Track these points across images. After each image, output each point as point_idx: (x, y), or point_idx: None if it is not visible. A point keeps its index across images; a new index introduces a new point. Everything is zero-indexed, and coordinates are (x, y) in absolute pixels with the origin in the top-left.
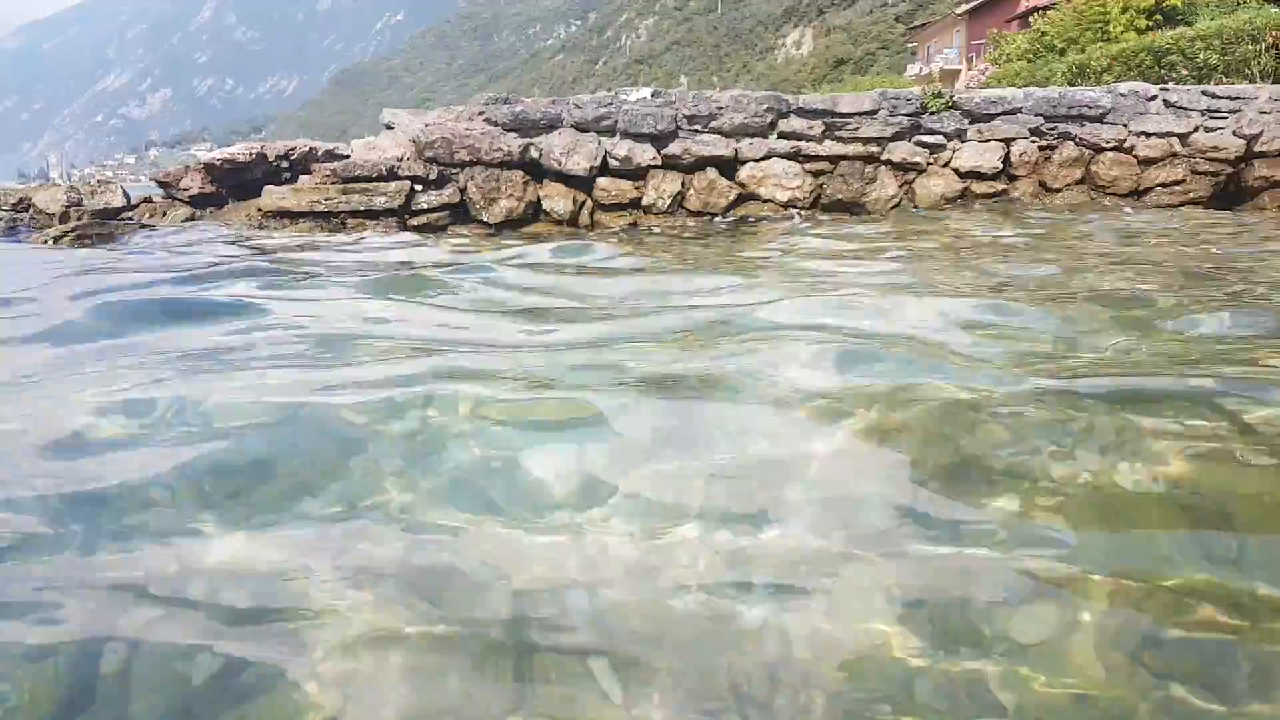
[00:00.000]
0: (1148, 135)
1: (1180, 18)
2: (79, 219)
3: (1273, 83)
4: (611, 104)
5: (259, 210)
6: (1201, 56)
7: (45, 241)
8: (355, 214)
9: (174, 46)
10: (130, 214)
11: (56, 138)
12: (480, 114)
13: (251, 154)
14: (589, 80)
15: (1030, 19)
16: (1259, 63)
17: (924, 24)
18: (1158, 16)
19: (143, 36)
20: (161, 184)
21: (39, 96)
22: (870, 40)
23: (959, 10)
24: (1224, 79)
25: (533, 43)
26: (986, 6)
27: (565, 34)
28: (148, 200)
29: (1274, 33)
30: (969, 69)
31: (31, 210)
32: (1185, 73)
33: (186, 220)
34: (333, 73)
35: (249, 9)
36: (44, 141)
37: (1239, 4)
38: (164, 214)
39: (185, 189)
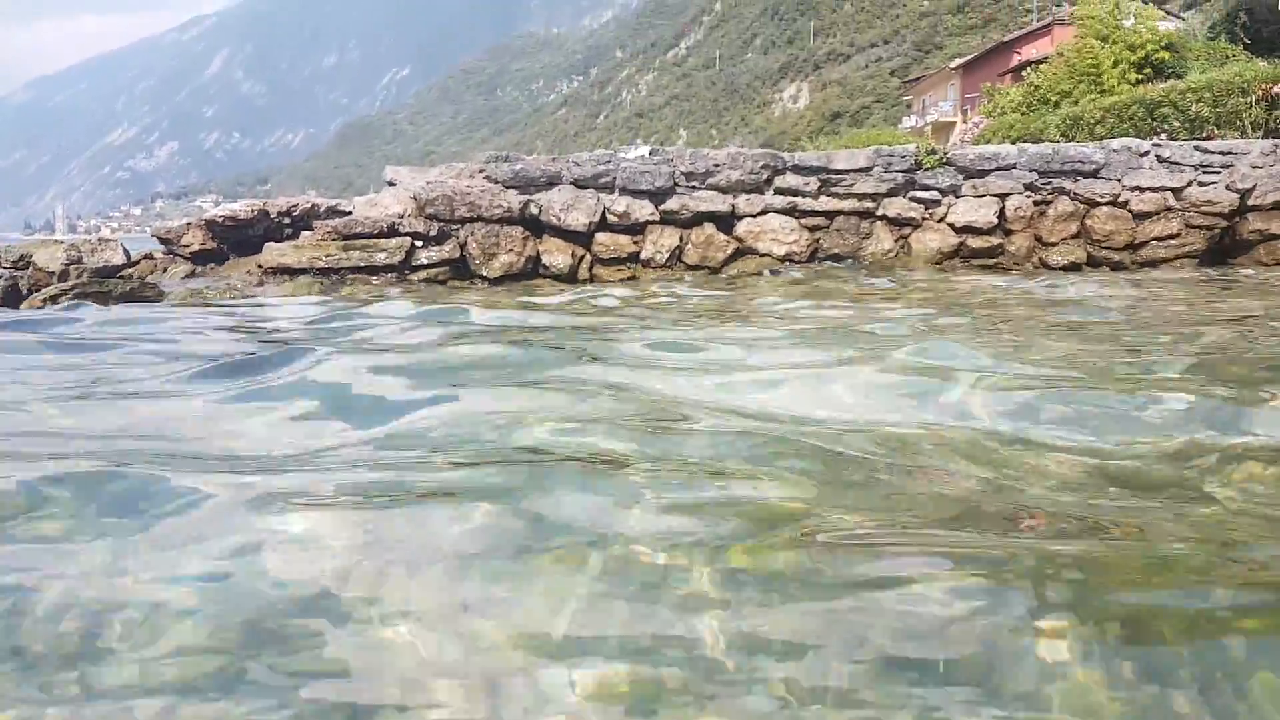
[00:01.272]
0: (1141, 190)
1: (1170, 71)
2: (78, 277)
3: (1264, 134)
4: (610, 161)
5: (259, 266)
6: (1193, 109)
7: (40, 305)
8: (356, 270)
9: (182, 100)
10: (131, 270)
11: (63, 189)
12: (481, 171)
13: (253, 211)
14: (590, 134)
15: (1023, 73)
16: (1250, 114)
17: (919, 78)
18: (1148, 70)
19: (151, 91)
20: (163, 240)
21: (47, 149)
22: (865, 94)
23: (953, 65)
24: (1216, 130)
25: (536, 97)
26: (980, 60)
27: (567, 89)
28: (148, 257)
29: (1263, 86)
30: (964, 121)
31: (31, 268)
32: (1178, 124)
33: (187, 276)
34: (338, 126)
35: (256, 64)
36: (51, 193)
37: (1228, 57)
38: (164, 270)
39: (186, 245)
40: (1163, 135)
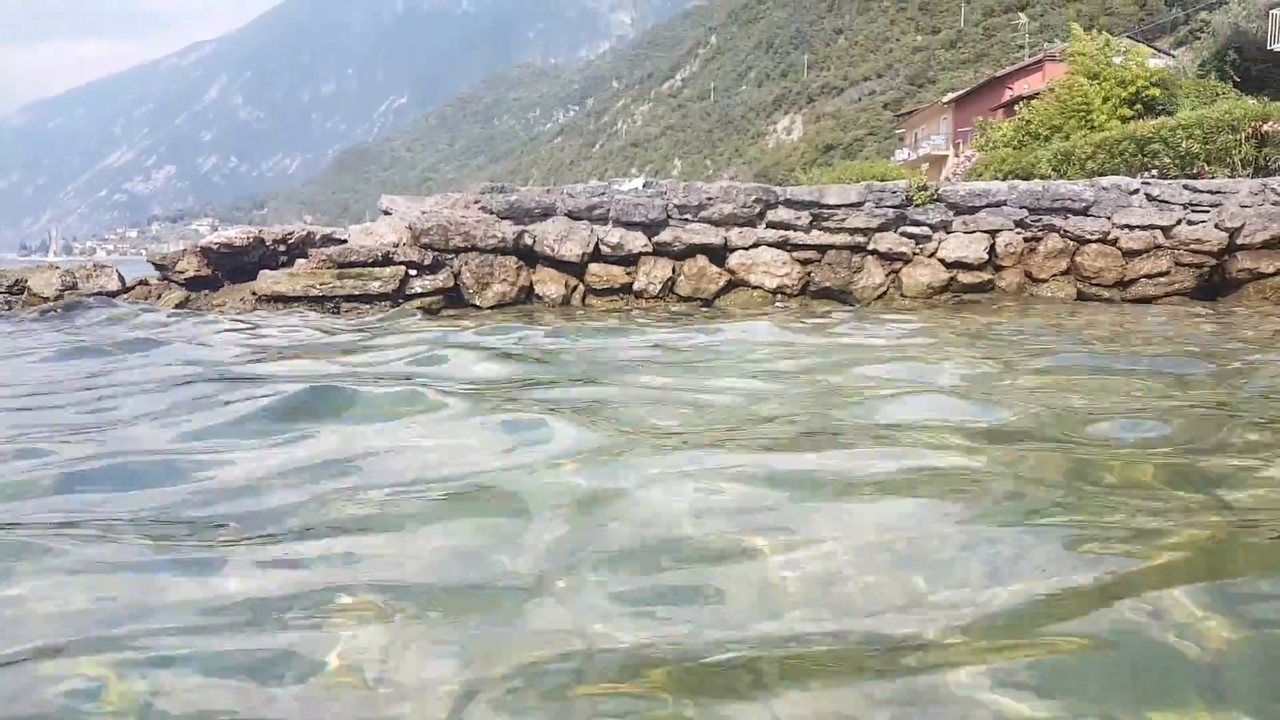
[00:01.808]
0: (1131, 228)
1: (1161, 107)
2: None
3: (1254, 171)
4: (604, 194)
5: (253, 294)
6: (1184, 145)
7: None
8: (350, 298)
9: (180, 125)
10: (125, 296)
11: (60, 212)
12: (476, 202)
13: (249, 238)
14: (586, 162)
15: (1015, 108)
16: (1239, 151)
17: (911, 111)
18: (1139, 106)
19: (149, 115)
20: (158, 266)
21: (44, 172)
22: (859, 126)
23: (945, 99)
24: (1206, 167)
25: (532, 126)
26: (972, 95)
27: (563, 118)
28: (143, 283)
29: (1253, 123)
30: (956, 155)
31: (26, 293)
32: (1168, 161)
33: (180, 305)
34: (336, 152)
35: (255, 90)
36: (47, 215)
37: (1217, 94)
38: (159, 296)
39: (181, 271)
40: (1153, 171)
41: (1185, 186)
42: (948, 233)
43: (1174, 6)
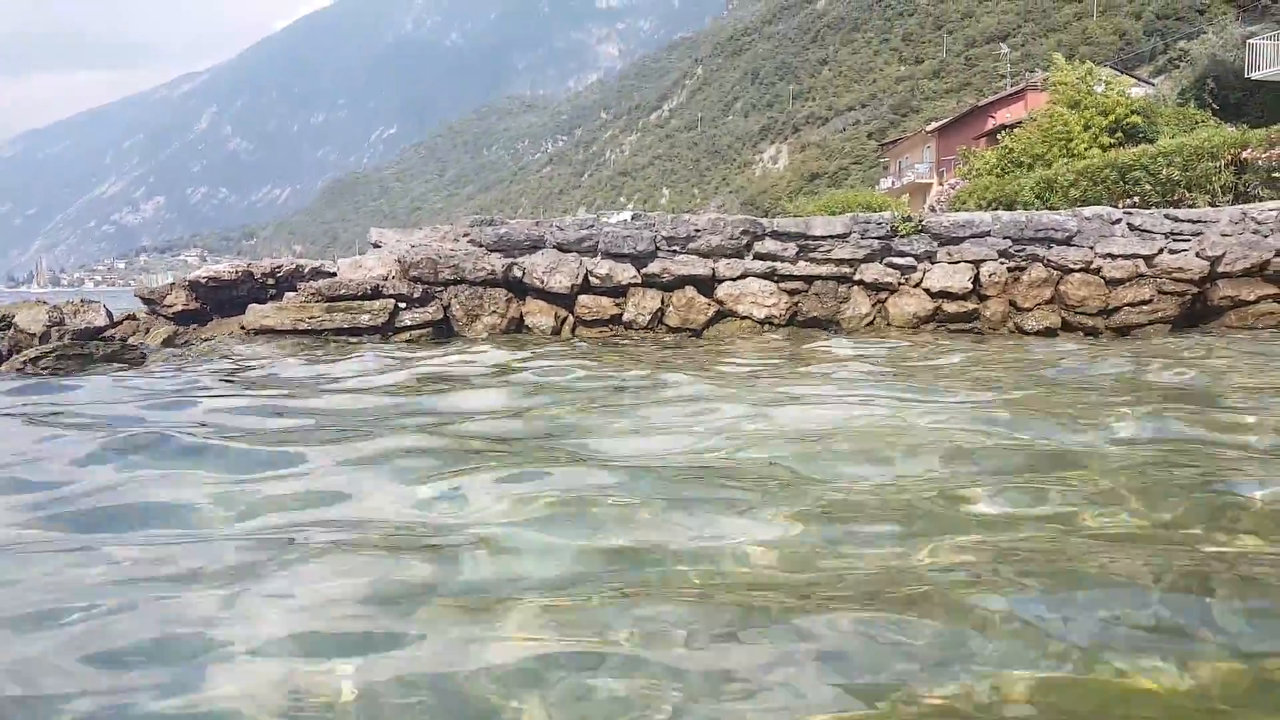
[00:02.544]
0: (1114, 257)
1: (1141, 135)
2: (60, 339)
3: (1234, 197)
4: (593, 226)
5: (242, 328)
6: (1164, 173)
7: (21, 366)
8: (339, 331)
9: (170, 156)
10: (113, 332)
11: (49, 242)
12: (466, 235)
13: (237, 272)
14: (575, 191)
15: (998, 136)
16: (1219, 179)
17: (895, 140)
18: (1120, 134)
19: (139, 146)
20: (146, 300)
21: (33, 203)
22: (844, 155)
23: (929, 128)
24: (1186, 194)
25: (521, 156)
26: (956, 124)
27: (552, 148)
28: (131, 317)
29: (1232, 151)
30: (940, 183)
31: (13, 329)
32: (1149, 188)
33: (167, 341)
34: (326, 182)
35: (245, 121)
36: (35, 246)
37: (1197, 122)
38: (147, 331)
39: (170, 306)
40: (1135, 199)
41: (1167, 216)
42: (932, 263)
43: (1152, 36)
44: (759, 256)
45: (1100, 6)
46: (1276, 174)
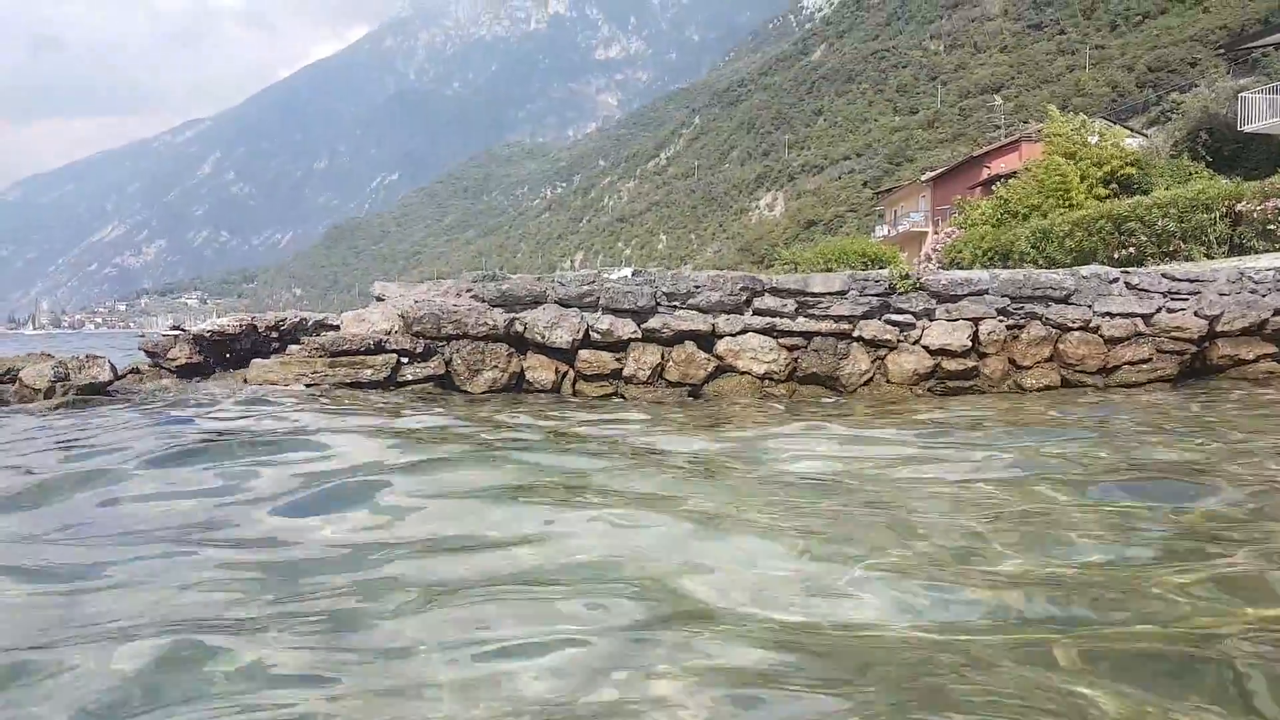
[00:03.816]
0: (1112, 316)
1: (1136, 186)
2: (64, 394)
3: (1229, 249)
4: (594, 282)
5: (245, 381)
6: (1159, 224)
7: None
8: (341, 386)
9: (172, 200)
10: (116, 386)
11: (50, 285)
12: (469, 290)
13: (240, 326)
14: (573, 236)
15: (993, 186)
16: (1214, 230)
17: (891, 189)
18: (1115, 185)
19: (142, 191)
20: (150, 354)
21: (35, 246)
22: (839, 203)
23: (924, 177)
24: (1182, 245)
25: (520, 202)
26: (950, 174)
27: (551, 194)
28: (135, 371)
29: (1227, 202)
30: (935, 231)
31: (18, 384)
32: (1144, 239)
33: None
34: (327, 227)
35: (247, 166)
36: (37, 289)
37: (1191, 174)
38: (150, 385)
39: (173, 359)
40: (1130, 249)
41: (1164, 275)
42: (931, 320)
43: (1145, 88)
44: (758, 312)
45: (1093, 59)
46: (1271, 226)
